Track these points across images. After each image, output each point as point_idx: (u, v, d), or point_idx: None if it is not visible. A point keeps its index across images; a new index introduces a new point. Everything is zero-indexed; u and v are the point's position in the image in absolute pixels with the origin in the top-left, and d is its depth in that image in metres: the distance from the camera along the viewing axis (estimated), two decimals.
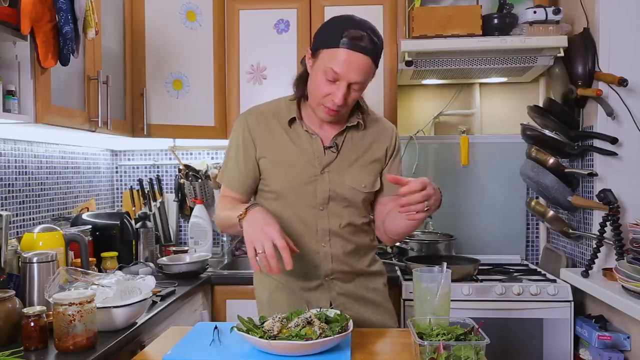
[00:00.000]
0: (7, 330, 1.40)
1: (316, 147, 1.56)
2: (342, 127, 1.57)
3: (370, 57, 1.40)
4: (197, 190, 2.88)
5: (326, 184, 1.55)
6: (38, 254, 1.64)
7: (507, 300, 2.13)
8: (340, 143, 1.57)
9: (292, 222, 1.56)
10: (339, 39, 1.39)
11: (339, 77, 1.41)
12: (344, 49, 1.39)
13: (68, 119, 1.83)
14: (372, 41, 1.40)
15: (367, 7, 2.55)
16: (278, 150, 1.56)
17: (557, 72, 2.38)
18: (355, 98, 1.48)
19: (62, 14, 1.60)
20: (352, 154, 1.58)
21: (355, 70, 1.40)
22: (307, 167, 1.55)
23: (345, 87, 1.42)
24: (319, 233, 1.56)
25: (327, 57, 1.41)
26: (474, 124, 2.89)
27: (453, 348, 1.13)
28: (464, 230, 2.77)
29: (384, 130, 1.64)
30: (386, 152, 1.62)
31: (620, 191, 2.08)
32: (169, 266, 2.31)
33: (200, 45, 2.56)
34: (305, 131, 1.56)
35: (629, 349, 1.93)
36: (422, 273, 1.39)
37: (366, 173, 1.59)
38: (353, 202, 1.58)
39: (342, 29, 1.40)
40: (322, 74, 1.43)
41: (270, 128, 1.57)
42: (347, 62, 1.39)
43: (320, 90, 1.45)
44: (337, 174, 1.56)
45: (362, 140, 1.60)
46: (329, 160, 1.56)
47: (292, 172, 1.55)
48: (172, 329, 1.53)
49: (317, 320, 1.26)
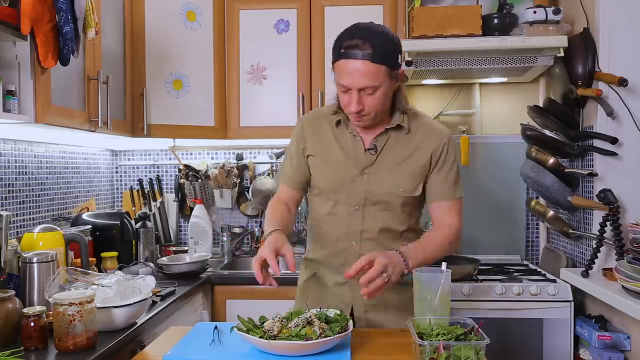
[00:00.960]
0: (7, 330, 1.40)
1: (358, 148, 1.59)
2: (382, 129, 1.58)
3: (370, 60, 1.41)
4: (197, 190, 2.88)
5: (364, 185, 1.58)
6: (38, 254, 1.64)
7: (507, 300, 2.13)
8: (380, 145, 1.58)
9: (328, 218, 1.63)
10: (338, 51, 1.45)
11: (347, 87, 1.46)
12: (342, 60, 1.44)
13: (68, 119, 1.83)
14: (369, 44, 1.41)
15: (367, 7, 2.55)
16: (325, 149, 1.63)
17: (557, 72, 2.38)
18: (377, 102, 1.47)
19: (62, 14, 1.60)
20: (394, 157, 1.58)
21: (356, 77, 1.42)
22: (348, 167, 1.59)
23: (355, 94, 1.45)
24: (350, 232, 1.60)
25: (336, 71, 1.48)
26: (474, 124, 2.89)
27: (453, 348, 1.13)
28: (464, 230, 2.73)
29: (433, 134, 1.60)
30: (431, 157, 1.58)
31: (620, 191, 2.08)
32: (169, 266, 2.31)
33: (200, 45, 2.56)
34: (349, 132, 1.60)
35: (629, 349, 1.93)
36: (422, 273, 1.39)
37: (407, 177, 1.58)
38: (391, 205, 1.58)
39: (340, 42, 1.45)
40: (338, 87, 1.50)
41: (321, 128, 1.65)
42: (346, 71, 1.43)
43: (342, 101, 1.52)
44: (376, 176, 1.58)
45: (407, 144, 1.59)
46: (369, 162, 1.58)
47: (334, 171, 1.61)
48: (172, 329, 1.53)
49: (317, 320, 1.26)
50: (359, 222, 1.59)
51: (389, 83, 1.47)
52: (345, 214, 1.60)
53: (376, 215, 1.58)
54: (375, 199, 1.57)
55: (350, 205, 1.59)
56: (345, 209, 1.60)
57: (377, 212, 1.58)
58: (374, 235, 1.59)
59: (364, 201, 1.58)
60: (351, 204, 1.59)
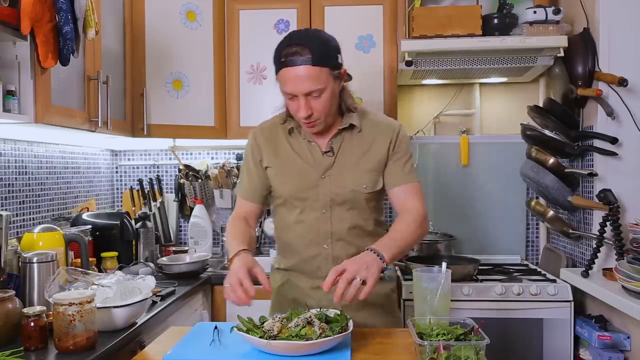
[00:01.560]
0: (7, 330, 1.39)
1: (315, 152, 1.62)
2: (335, 131, 1.61)
3: (311, 64, 1.44)
4: (197, 190, 2.88)
5: (327, 188, 1.60)
6: (38, 254, 1.64)
7: (507, 300, 2.13)
8: (336, 147, 1.62)
9: (296, 225, 1.64)
10: (279, 61, 1.48)
11: (292, 94, 1.49)
12: (284, 69, 1.47)
13: (68, 119, 1.83)
14: (308, 49, 1.44)
15: (367, 7, 2.55)
16: (282, 158, 1.64)
17: (557, 72, 2.38)
18: (325, 104, 1.50)
19: (62, 14, 1.60)
20: (351, 156, 1.62)
21: (299, 82, 1.46)
22: (308, 172, 1.61)
23: (303, 99, 1.48)
24: (321, 236, 1.61)
25: (279, 81, 1.51)
26: (474, 124, 2.89)
27: (453, 348, 1.13)
28: (464, 230, 2.77)
29: (384, 129, 1.64)
30: (388, 150, 1.62)
31: (620, 191, 2.08)
32: (169, 266, 2.31)
33: (200, 45, 2.56)
34: (304, 139, 1.63)
35: (629, 349, 1.93)
36: (422, 273, 1.39)
37: (367, 173, 1.61)
38: (356, 203, 1.61)
39: (279, 52, 1.49)
40: (284, 96, 1.53)
41: (275, 138, 1.66)
42: (289, 79, 1.47)
43: (291, 109, 1.54)
44: (338, 177, 1.60)
45: (361, 142, 1.62)
46: (328, 164, 1.61)
47: (295, 179, 1.62)
48: (172, 329, 1.53)
49: (317, 320, 1.26)
50: (328, 224, 1.61)
51: (333, 84, 1.50)
52: (314, 219, 1.61)
53: (343, 215, 1.61)
54: (340, 199, 1.60)
55: (316, 210, 1.61)
56: (312, 213, 1.61)
57: (344, 212, 1.61)
58: (344, 235, 1.61)
59: (330, 203, 1.60)
60: (317, 208, 1.61)
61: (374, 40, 2.55)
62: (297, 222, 1.63)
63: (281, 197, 1.65)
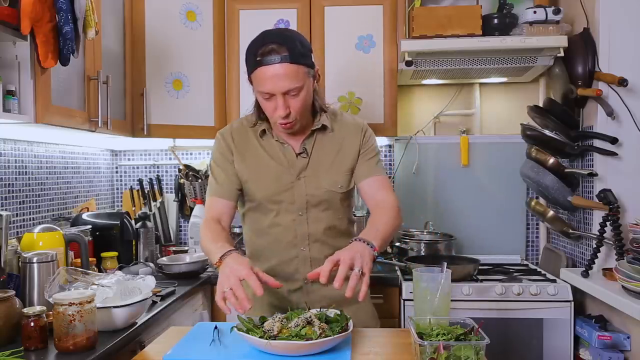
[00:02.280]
0: (7, 330, 1.39)
1: (288, 154, 1.61)
2: (307, 132, 1.62)
3: (289, 62, 1.43)
4: (197, 190, 2.88)
5: (303, 189, 1.60)
6: (38, 254, 1.64)
7: (507, 300, 2.13)
8: (309, 148, 1.62)
9: (271, 229, 1.62)
10: (254, 60, 1.46)
11: (270, 93, 1.47)
12: (260, 68, 1.45)
13: (68, 119, 1.83)
14: (285, 47, 1.43)
15: (367, 7, 2.55)
16: (254, 161, 1.62)
17: (557, 72, 2.38)
18: (302, 103, 1.50)
19: (62, 14, 1.60)
20: (325, 157, 1.63)
21: (278, 80, 1.44)
22: (283, 175, 1.60)
23: (281, 98, 1.46)
24: (298, 238, 1.61)
25: (254, 81, 1.49)
26: (474, 124, 2.89)
27: (453, 348, 1.13)
28: (464, 230, 2.77)
29: (353, 129, 1.66)
30: (359, 149, 1.65)
31: (620, 191, 2.08)
32: (169, 266, 2.31)
33: (200, 45, 2.56)
34: (276, 141, 1.62)
35: (629, 349, 1.93)
36: (422, 273, 1.39)
37: (341, 173, 1.63)
38: (332, 203, 1.63)
39: (254, 52, 1.46)
40: (260, 96, 1.51)
41: (245, 140, 1.64)
42: (267, 78, 1.44)
43: (266, 108, 1.52)
44: (313, 178, 1.61)
45: (333, 142, 1.64)
46: (302, 165, 1.61)
47: (268, 182, 1.61)
48: (172, 329, 1.53)
49: (317, 320, 1.26)
50: (305, 226, 1.61)
51: (309, 82, 1.51)
52: (290, 221, 1.60)
53: (319, 216, 1.61)
54: (316, 200, 1.60)
55: (292, 212, 1.60)
56: (288, 216, 1.60)
57: (320, 213, 1.62)
58: (320, 236, 1.62)
59: (306, 205, 1.60)
60: (293, 210, 1.60)
61: (374, 40, 2.55)
62: (272, 225, 1.62)
63: (254, 201, 1.63)
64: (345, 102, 2.56)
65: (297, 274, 1.63)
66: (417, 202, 2.82)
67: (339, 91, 2.55)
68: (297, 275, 1.63)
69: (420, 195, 2.82)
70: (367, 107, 2.56)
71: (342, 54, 2.55)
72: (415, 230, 2.74)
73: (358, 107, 2.57)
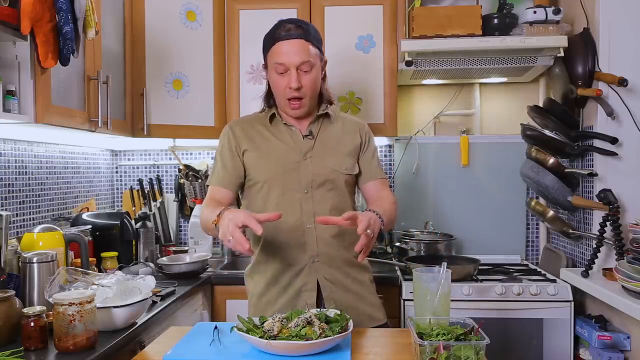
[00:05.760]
0: (7, 330, 1.40)
1: (295, 136, 1.71)
2: (313, 117, 1.72)
3: (304, 39, 1.60)
4: (197, 190, 2.88)
5: (308, 169, 1.67)
6: (38, 254, 1.64)
7: (507, 300, 2.13)
8: (315, 131, 1.72)
9: (278, 207, 1.64)
10: (273, 38, 1.63)
11: (285, 66, 1.60)
12: (278, 43, 1.61)
13: (68, 119, 1.83)
14: (301, 28, 1.61)
15: (367, 7, 2.55)
16: (262, 144, 1.71)
17: (557, 72, 2.38)
18: (313, 81, 1.63)
19: (62, 14, 1.60)
20: (329, 140, 1.73)
21: (294, 54, 1.59)
22: (289, 155, 1.68)
23: (294, 72, 1.60)
24: (304, 215, 1.65)
25: (271, 57, 1.64)
26: (474, 124, 2.89)
27: (453, 348, 1.13)
28: (464, 230, 2.77)
29: (356, 125, 1.79)
30: (360, 139, 1.76)
31: (620, 191, 2.08)
32: (169, 266, 2.31)
33: (200, 45, 2.56)
34: (284, 124, 1.71)
35: (629, 349, 1.93)
36: (422, 273, 1.39)
37: (345, 156, 1.72)
38: (336, 184, 1.69)
39: (273, 32, 1.64)
40: (274, 72, 1.64)
41: (252, 130, 1.73)
42: (285, 51, 1.60)
43: (279, 85, 1.64)
44: (318, 159, 1.69)
45: (335, 130, 1.75)
46: (309, 146, 1.70)
47: (275, 162, 1.68)
48: (172, 329, 1.53)
49: (317, 320, 1.26)
50: (310, 204, 1.66)
51: (319, 66, 1.65)
52: (297, 199, 1.66)
53: (325, 196, 1.68)
54: (321, 179, 1.67)
55: (298, 191, 1.66)
56: (294, 194, 1.66)
57: (325, 192, 1.68)
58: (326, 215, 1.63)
59: (311, 183, 1.66)
60: (299, 189, 1.66)
61: (374, 40, 2.55)
62: (279, 203, 1.65)
63: (260, 182, 1.68)
64: (345, 102, 2.56)
65: (303, 252, 1.65)
66: (417, 202, 2.82)
67: (339, 91, 2.54)
68: (303, 254, 1.65)
69: (420, 195, 2.82)
70: (367, 107, 2.56)
71: (342, 54, 2.55)
72: (415, 230, 2.74)
73: (358, 107, 2.57)
